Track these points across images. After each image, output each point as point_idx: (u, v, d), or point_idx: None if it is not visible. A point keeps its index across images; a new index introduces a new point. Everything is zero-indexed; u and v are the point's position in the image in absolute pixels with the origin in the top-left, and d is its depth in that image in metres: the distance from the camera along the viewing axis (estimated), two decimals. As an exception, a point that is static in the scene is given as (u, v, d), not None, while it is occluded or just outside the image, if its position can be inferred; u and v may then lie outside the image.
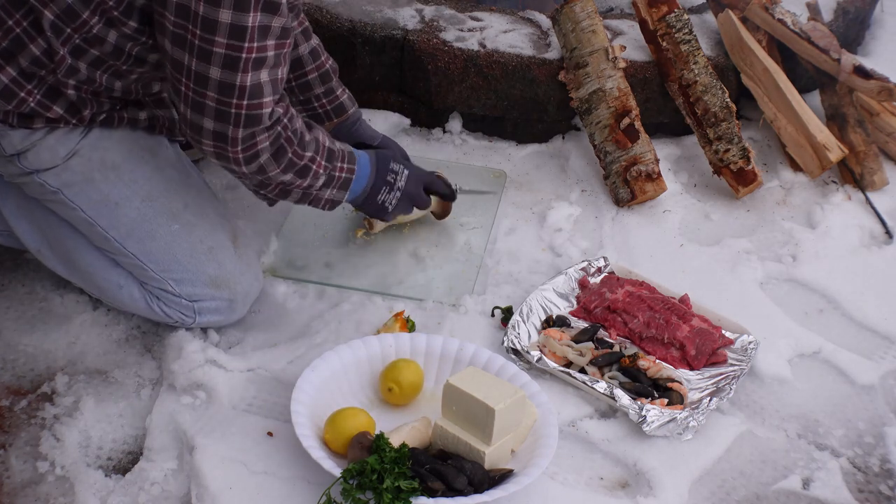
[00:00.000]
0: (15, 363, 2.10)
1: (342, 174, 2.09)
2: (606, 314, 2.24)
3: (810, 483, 1.94)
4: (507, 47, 2.78)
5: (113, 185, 2.03)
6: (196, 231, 2.08)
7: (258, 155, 1.89)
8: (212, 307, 2.11)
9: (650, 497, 1.87)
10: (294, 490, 1.82)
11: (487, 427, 1.79)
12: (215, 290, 2.10)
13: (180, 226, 2.07)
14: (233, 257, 2.12)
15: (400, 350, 2.06)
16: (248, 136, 1.85)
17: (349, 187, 2.12)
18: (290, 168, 1.96)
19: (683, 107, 2.73)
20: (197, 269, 2.08)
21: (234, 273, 2.12)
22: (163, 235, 2.06)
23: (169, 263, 2.07)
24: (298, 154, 1.96)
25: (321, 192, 2.08)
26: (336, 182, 2.09)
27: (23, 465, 1.88)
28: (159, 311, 2.11)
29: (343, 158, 2.09)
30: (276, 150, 1.91)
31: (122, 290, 2.12)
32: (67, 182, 2.01)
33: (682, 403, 2.03)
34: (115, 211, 2.03)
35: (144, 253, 2.06)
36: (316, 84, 2.33)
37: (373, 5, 2.90)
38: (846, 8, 3.08)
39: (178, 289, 2.08)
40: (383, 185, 2.18)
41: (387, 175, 2.19)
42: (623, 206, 2.62)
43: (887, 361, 2.23)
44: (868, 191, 2.71)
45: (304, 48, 2.29)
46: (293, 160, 1.96)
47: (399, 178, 2.21)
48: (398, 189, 2.21)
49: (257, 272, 2.20)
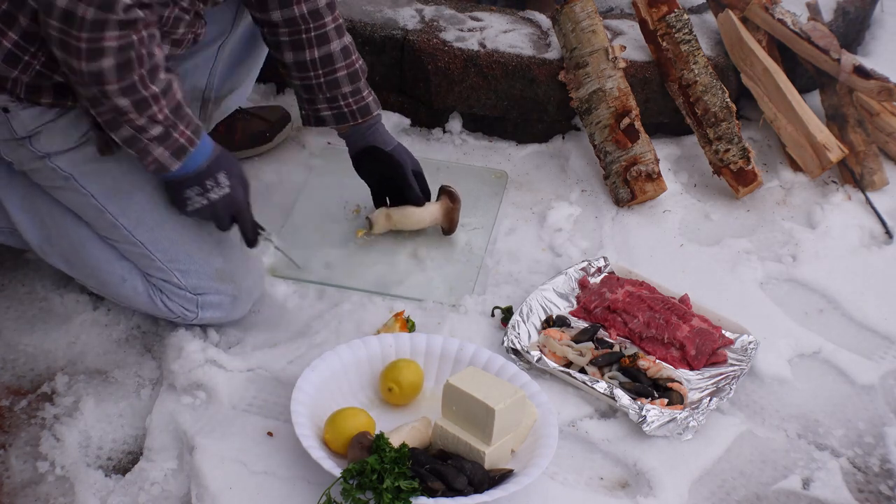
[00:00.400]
0: (15, 363, 2.10)
1: (181, 139, 1.93)
2: (606, 314, 2.24)
3: (810, 483, 1.94)
4: (507, 47, 2.78)
5: (126, 172, 2.02)
6: (205, 223, 2.08)
7: (102, 53, 1.76)
8: (215, 301, 2.11)
9: (650, 497, 1.87)
10: (294, 490, 1.82)
11: (487, 427, 1.79)
12: (220, 284, 2.10)
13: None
14: (239, 253, 2.13)
15: (400, 350, 2.06)
16: (97, 22, 1.72)
17: (183, 158, 1.95)
18: (130, 92, 1.82)
19: (683, 107, 2.73)
20: (204, 260, 2.08)
21: (240, 268, 2.12)
22: (172, 225, 2.06)
23: (176, 254, 2.07)
24: (144, 81, 1.83)
25: (152, 146, 1.91)
26: (172, 143, 1.92)
27: (23, 465, 1.88)
28: (162, 306, 2.11)
29: (189, 125, 1.94)
30: (122, 62, 1.78)
31: (126, 283, 2.11)
32: (80, 167, 2.00)
33: (682, 403, 2.03)
34: (126, 198, 2.03)
35: (153, 242, 2.06)
36: (344, 82, 2.28)
37: (373, 5, 2.90)
38: (846, 8, 3.08)
39: (183, 280, 2.08)
40: (197, 185, 2.00)
41: (208, 178, 2.00)
42: (623, 206, 2.62)
43: (887, 361, 2.23)
44: (868, 191, 2.71)
45: (336, 45, 2.25)
46: (136, 85, 1.82)
47: (215, 190, 2.02)
48: (207, 198, 2.02)
49: (261, 271, 2.20)
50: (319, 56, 2.24)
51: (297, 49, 2.25)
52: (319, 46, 2.24)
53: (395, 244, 2.43)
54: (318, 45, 2.24)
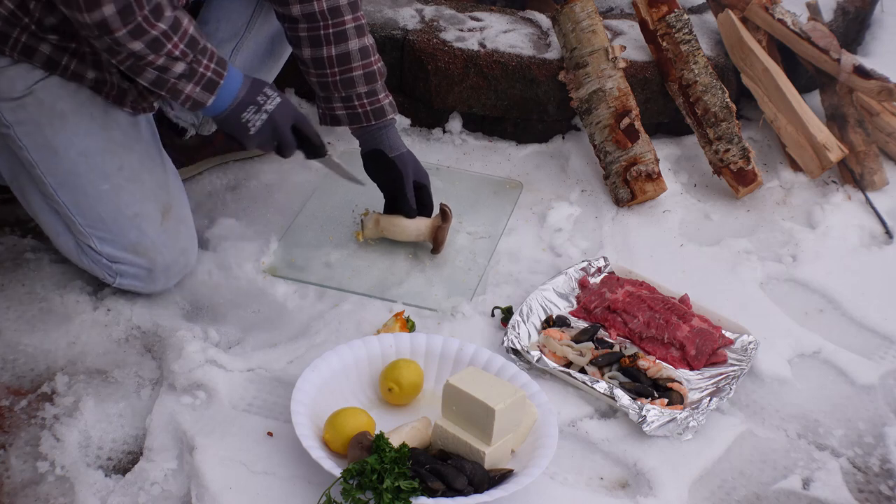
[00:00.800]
0: (15, 363, 2.10)
1: (207, 72, 1.99)
2: (606, 314, 2.24)
3: (810, 483, 1.94)
4: (507, 47, 2.78)
5: (56, 133, 2.07)
6: (123, 195, 2.12)
7: (99, 4, 1.82)
8: (130, 272, 2.17)
9: (650, 497, 1.87)
10: (294, 490, 1.82)
11: (487, 427, 1.79)
12: (134, 257, 2.15)
13: (109, 187, 2.11)
14: (157, 228, 2.16)
15: (400, 350, 2.06)
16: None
17: (216, 90, 2.01)
18: (139, 34, 1.88)
19: (683, 107, 2.73)
20: (119, 232, 2.14)
21: (155, 243, 2.15)
22: (91, 192, 2.11)
23: (94, 221, 2.13)
24: (149, 21, 1.87)
25: (180, 84, 1.98)
26: (200, 78, 1.99)
27: (23, 465, 1.88)
28: (87, 265, 2.20)
29: (211, 58, 2.00)
30: (122, 8, 1.83)
31: (60, 237, 2.20)
32: (20, 119, 2.06)
33: (682, 403, 2.03)
34: (53, 158, 2.09)
35: (74, 205, 2.12)
36: (360, 82, 2.28)
37: (373, 5, 2.91)
38: (846, 8, 3.08)
39: (100, 246, 2.15)
40: (251, 104, 2.07)
41: (257, 95, 2.08)
42: (623, 206, 2.62)
43: (887, 361, 2.23)
44: (868, 191, 2.71)
45: (355, 44, 2.26)
46: (143, 26, 1.87)
47: (269, 102, 2.09)
48: (265, 112, 2.09)
49: (185, 248, 2.22)
50: (336, 54, 2.26)
51: (315, 45, 2.26)
52: (337, 44, 2.25)
53: (396, 248, 2.42)
54: (335, 42, 2.25)
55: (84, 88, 2.08)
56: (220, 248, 2.38)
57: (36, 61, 2.02)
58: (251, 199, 2.57)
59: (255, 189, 2.62)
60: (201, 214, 2.48)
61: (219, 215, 2.50)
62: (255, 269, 2.33)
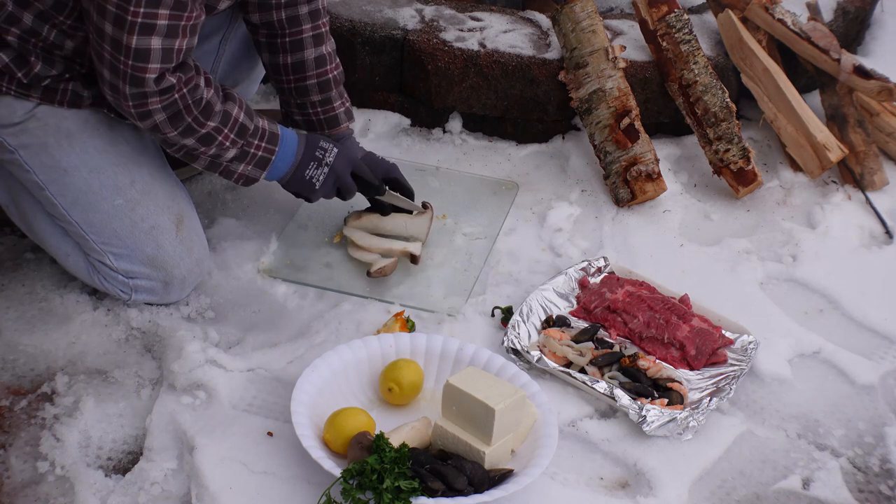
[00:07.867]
0: (15, 363, 2.10)
1: (258, 152, 2.11)
2: (606, 314, 2.24)
3: (810, 483, 1.94)
4: (507, 47, 2.78)
5: (65, 153, 2.08)
6: (138, 209, 2.13)
7: (150, 115, 1.94)
8: (147, 286, 2.16)
9: (650, 497, 1.87)
10: (294, 490, 1.82)
11: (487, 427, 1.79)
12: (151, 270, 2.15)
13: (124, 201, 2.11)
14: (173, 240, 2.16)
15: (400, 350, 2.06)
16: (137, 94, 1.91)
17: (267, 167, 2.14)
18: (190, 133, 2.00)
19: (683, 107, 2.73)
20: (135, 246, 2.13)
21: (172, 256, 2.15)
22: (105, 209, 2.11)
23: (109, 237, 2.13)
24: (199, 122, 1.99)
25: (233, 166, 2.11)
26: (251, 159, 2.11)
27: (23, 465, 1.88)
28: (99, 284, 2.18)
29: (262, 137, 2.11)
30: (171, 115, 1.96)
31: (70, 258, 2.20)
32: (24, 143, 2.07)
33: (682, 403, 2.03)
34: (63, 178, 2.09)
35: (87, 223, 2.12)
36: (313, 91, 2.33)
37: (373, 5, 2.91)
38: (846, 8, 3.08)
39: (115, 263, 2.14)
40: (311, 161, 2.19)
41: (315, 151, 2.19)
42: (623, 206, 2.62)
43: (887, 361, 2.23)
44: (868, 191, 2.71)
45: (311, 53, 2.30)
46: (193, 126, 1.99)
47: (328, 155, 2.21)
48: (326, 165, 2.21)
49: (200, 259, 2.22)
50: (292, 62, 2.30)
51: (273, 52, 2.31)
52: (293, 53, 2.29)
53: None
54: (291, 51, 2.29)
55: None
56: (220, 248, 2.38)
57: (33, 96, 2.04)
58: (251, 199, 2.57)
59: (254, 189, 2.61)
60: (201, 214, 2.47)
61: (219, 215, 2.50)
62: (255, 269, 2.34)
